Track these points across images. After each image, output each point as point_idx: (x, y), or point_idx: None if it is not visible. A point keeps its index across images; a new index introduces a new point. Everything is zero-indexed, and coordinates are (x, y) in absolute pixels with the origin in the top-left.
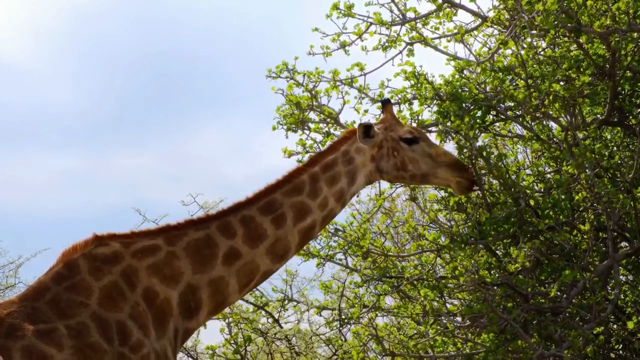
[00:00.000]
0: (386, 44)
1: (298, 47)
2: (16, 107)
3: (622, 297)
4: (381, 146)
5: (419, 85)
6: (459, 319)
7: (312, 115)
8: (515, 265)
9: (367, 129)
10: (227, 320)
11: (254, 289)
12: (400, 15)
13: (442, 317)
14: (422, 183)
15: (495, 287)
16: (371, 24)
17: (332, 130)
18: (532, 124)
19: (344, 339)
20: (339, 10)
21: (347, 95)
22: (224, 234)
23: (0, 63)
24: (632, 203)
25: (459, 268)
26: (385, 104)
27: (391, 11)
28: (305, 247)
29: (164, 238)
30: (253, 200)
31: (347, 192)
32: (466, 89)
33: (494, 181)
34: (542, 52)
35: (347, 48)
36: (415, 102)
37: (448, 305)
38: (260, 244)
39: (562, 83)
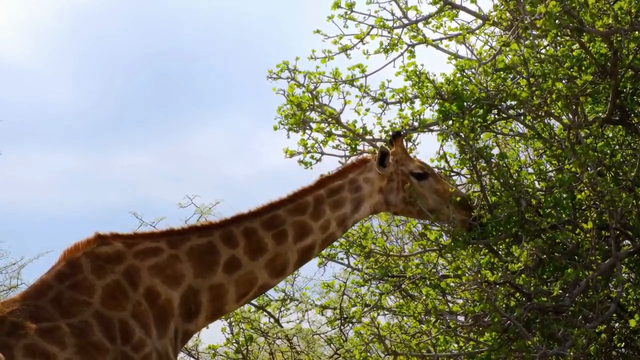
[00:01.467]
0: (387, 47)
1: (298, 48)
2: (16, 107)
3: (625, 295)
4: (391, 179)
5: (420, 84)
6: (461, 317)
7: (314, 115)
8: (518, 264)
9: (384, 155)
10: (228, 320)
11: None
12: (402, 15)
13: (445, 316)
14: (427, 218)
15: (497, 286)
16: (372, 27)
17: (333, 130)
18: (534, 122)
19: (345, 338)
20: (340, 10)
21: (348, 95)
22: (226, 243)
23: (0, 63)
24: (634, 201)
25: (461, 267)
26: (396, 137)
27: (392, 13)
28: None
29: (167, 241)
30: (256, 213)
31: (349, 219)
32: (466, 88)
33: (495, 181)
34: (543, 50)
35: (348, 52)
36: (417, 101)
37: (450, 305)
38: (260, 257)
39: (564, 81)
